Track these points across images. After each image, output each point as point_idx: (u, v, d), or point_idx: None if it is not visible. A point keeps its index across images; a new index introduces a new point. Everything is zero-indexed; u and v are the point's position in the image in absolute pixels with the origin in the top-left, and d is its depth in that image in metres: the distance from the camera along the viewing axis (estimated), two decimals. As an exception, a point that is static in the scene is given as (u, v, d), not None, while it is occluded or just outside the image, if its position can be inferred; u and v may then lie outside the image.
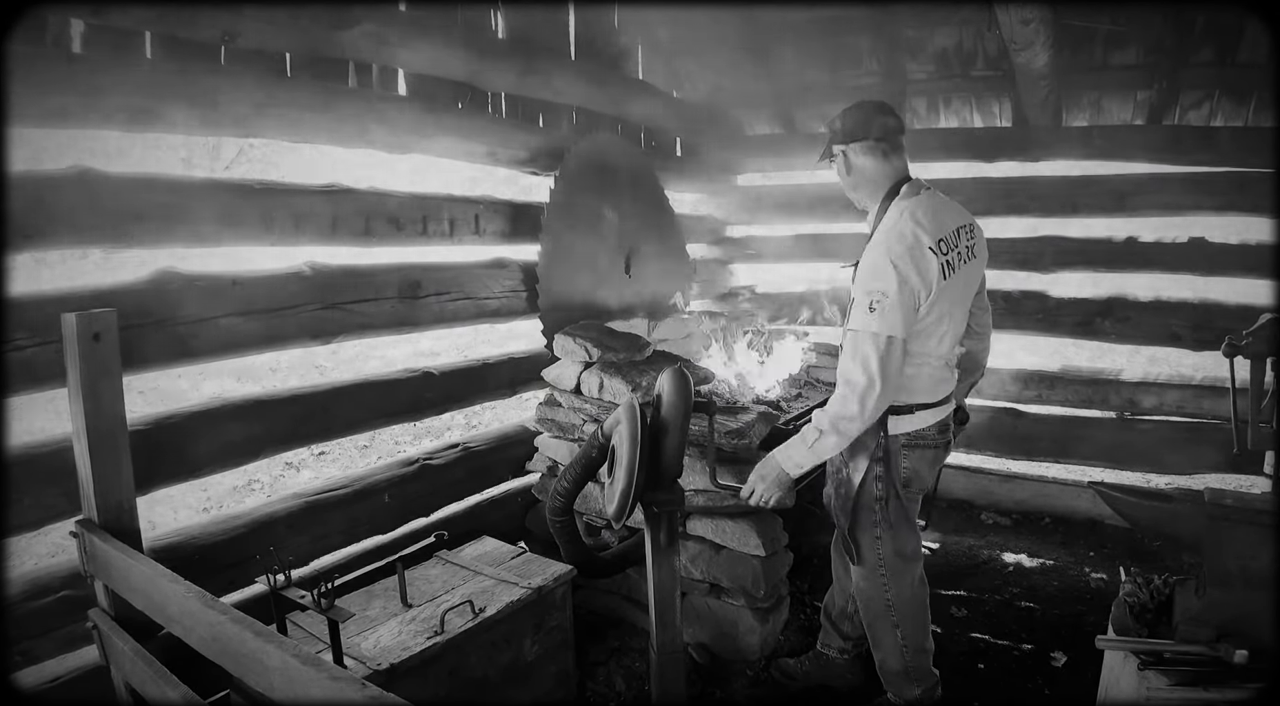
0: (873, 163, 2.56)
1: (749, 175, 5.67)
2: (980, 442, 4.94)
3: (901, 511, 2.65)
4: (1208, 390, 4.43)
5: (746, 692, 3.05)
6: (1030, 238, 4.83)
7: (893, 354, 2.36)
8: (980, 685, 3.15)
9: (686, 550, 3.19)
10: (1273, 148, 4.15)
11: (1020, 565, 4.19)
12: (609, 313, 3.89)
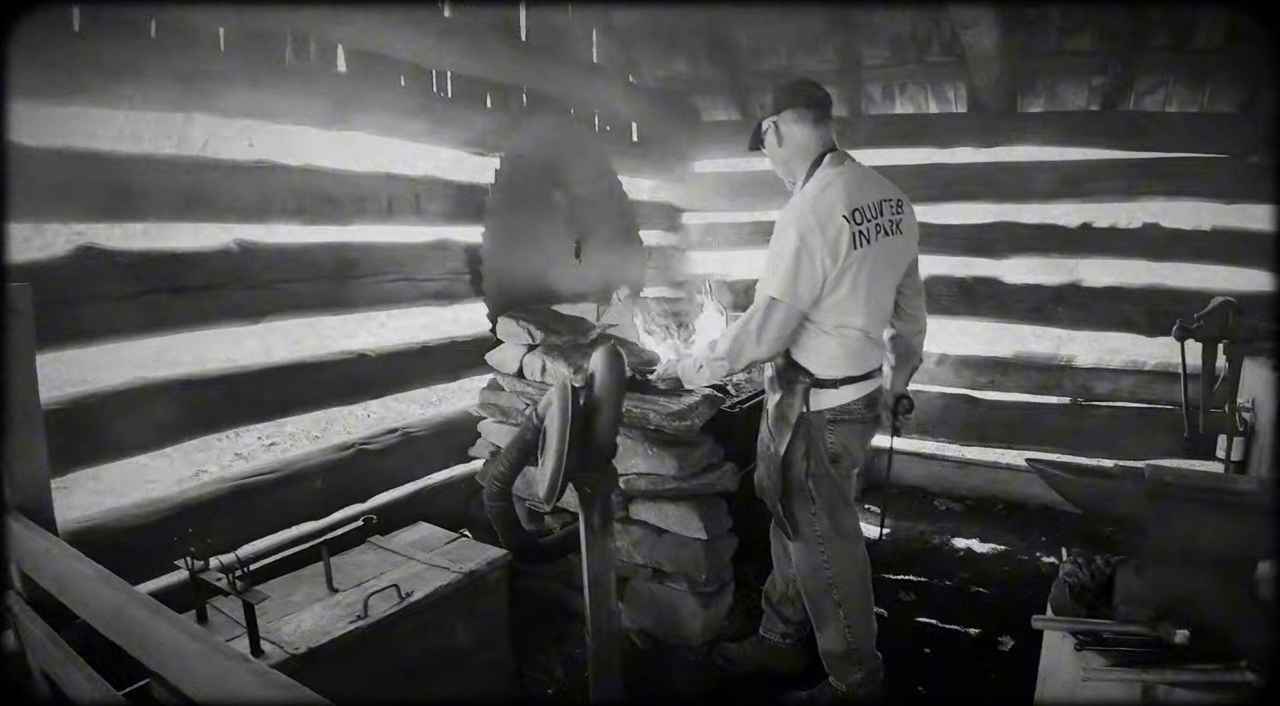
0: (802, 130, 2.58)
1: (706, 162, 5.60)
2: (935, 429, 4.93)
3: (835, 487, 2.64)
4: (1161, 375, 4.43)
5: (688, 677, 3.01)
6: (985, 224, 4.81)
7: (774, 315, 2.43)
8: (927, 669, 3.13)
9: (629, 534, 3.14)
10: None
11: (971, 550, 4.19)
12: (558, 297, 3.80)
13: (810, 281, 2.41)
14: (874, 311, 2.58)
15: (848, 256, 2.40)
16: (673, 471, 2.96)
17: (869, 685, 2.74)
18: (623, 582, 3.23)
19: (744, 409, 3.26)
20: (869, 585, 2.78)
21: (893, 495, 4.75)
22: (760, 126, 2.68)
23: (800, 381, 2.57)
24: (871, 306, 2.55)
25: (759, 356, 2.51)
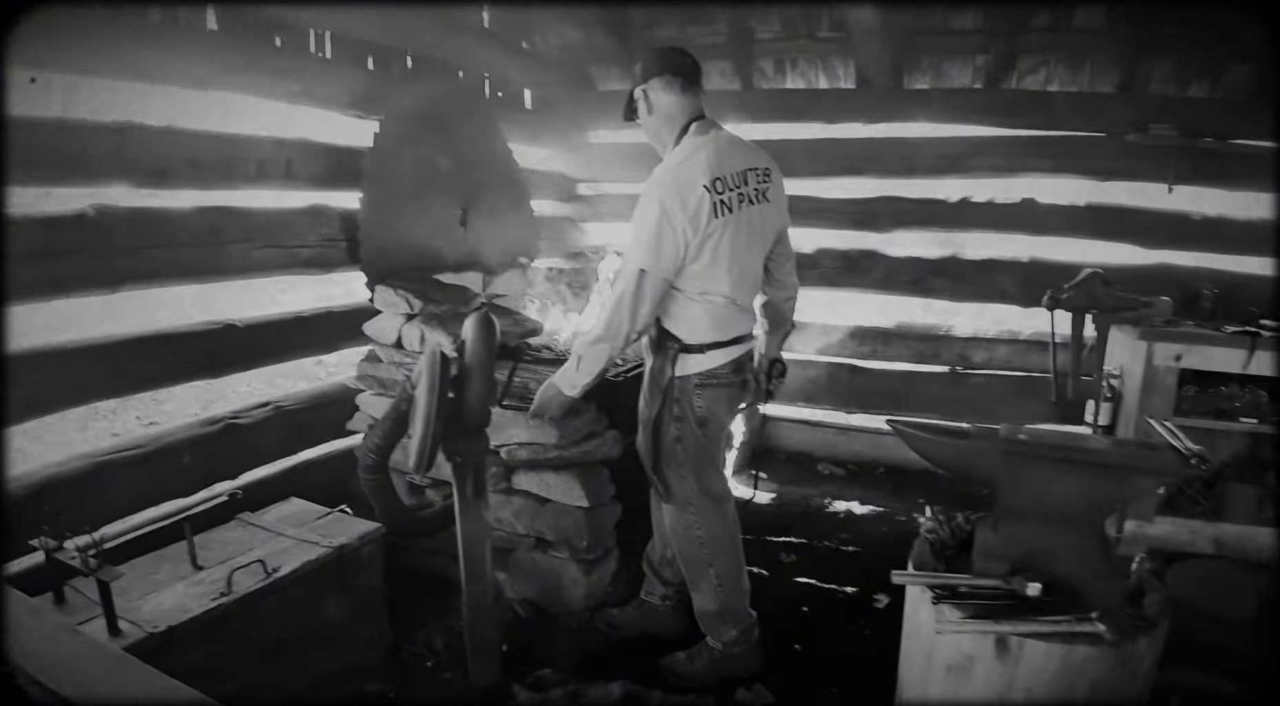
0: (670, 97, 2.59)
1: (602, 131, 5.53)
2: (819, 396, 5.07)
3: (704, 450, 2.68)
4: (1035, 344, 4.63)
5: (570, 644, 3.01)
6: (869, 198, 4.92)
7: (643, 286, 2.45)
8: (804, 626, 3.21)
9: (511, 504, 3.12)
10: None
11: (851, 512, 4.33)
12: (443, 265, 3.70)
13: (673, 250, 2.43)
14: (739, 279, 2.60)
15: (708, 225, 2.43)
16: (554, 440, 2.94)
17: (743, 643, 2.80)
18: (506, 553, 3.21)
19: (627, 377, 3.26)
20: (739, 545, 2.82)
21: (779, 460, 4.89)
22: (632, 96, 2.68)
23: (669, 347, 2.60)
24: (735, 274, 2.57)
25: (637, 328, 2.52)
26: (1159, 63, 4.43)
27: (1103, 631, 1.94)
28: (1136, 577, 2.21)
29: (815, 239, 5.03)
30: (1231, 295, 4.40)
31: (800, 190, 4.93)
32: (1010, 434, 2.17)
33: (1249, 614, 3.40)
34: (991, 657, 2.01)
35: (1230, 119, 4.42)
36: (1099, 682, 1.98)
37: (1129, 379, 3.74)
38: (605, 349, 2.54)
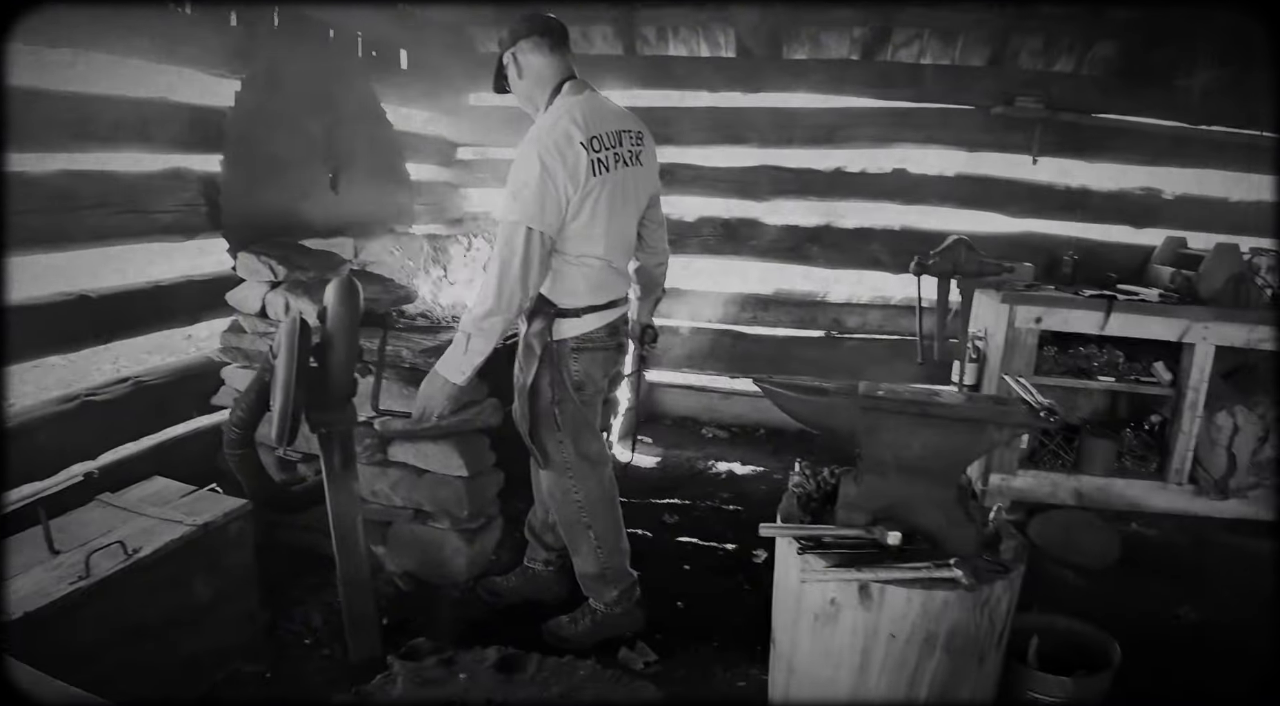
0: (539, 58, 2.56)
1: (482, 95, 5.40)
2: (702, 362, 5.17)
3: (580, 414, 2.69)
4: (906, 309, 4.81)
5: (453, 614, 2.99)
6: (748, 167, 4.98)
7: (532, 245, 2.37)
8: (686, 583, 3.29)
9: (387, 476, 3.06)
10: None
11: (733, 472, 4.46)
12: (311, 231, 3.56)
13: (555, 207, 2.40)
14: (615, 241, 2.60)
15: (587, 183, 2.42)
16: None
17: (625, 603, 2.85)
18: (384, 526, 3.15)
19: (506, 345, 3.21)
20: (617, 507, 2.86)
21: (665, 424, 4.97)
22: (501, 63, 2.64)
23: (544, 311, 2.58)
24: (612, 236, 2.57)
25: (530, 291, 2.44)
26: (1028, 38, 4.61)
27: (960, 577, 2.04)
28: (994, 526, 2.32)
29: (697, 207, 5.09)
30: (1091, 261, 4.69)
31: (682, 158, 4.97)
32: (869, 391, 2.25)
33: (1107, 560, 3.65)
34: (856, 604, 2.09)
35: (1093, 93, 4.68)
36: (958, 625, 2.07)
37: (992, 340, 3.94)
38: (499, 322, 2.44)
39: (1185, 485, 3.99)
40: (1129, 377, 4.01)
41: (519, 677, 2.09)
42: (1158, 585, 3.50)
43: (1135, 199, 4.85)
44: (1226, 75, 4.56)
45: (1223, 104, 4.60)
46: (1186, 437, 3.93)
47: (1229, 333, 3.82)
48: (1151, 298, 3.98)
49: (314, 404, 2.22)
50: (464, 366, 2.49)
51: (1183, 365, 3.90)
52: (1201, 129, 4.63)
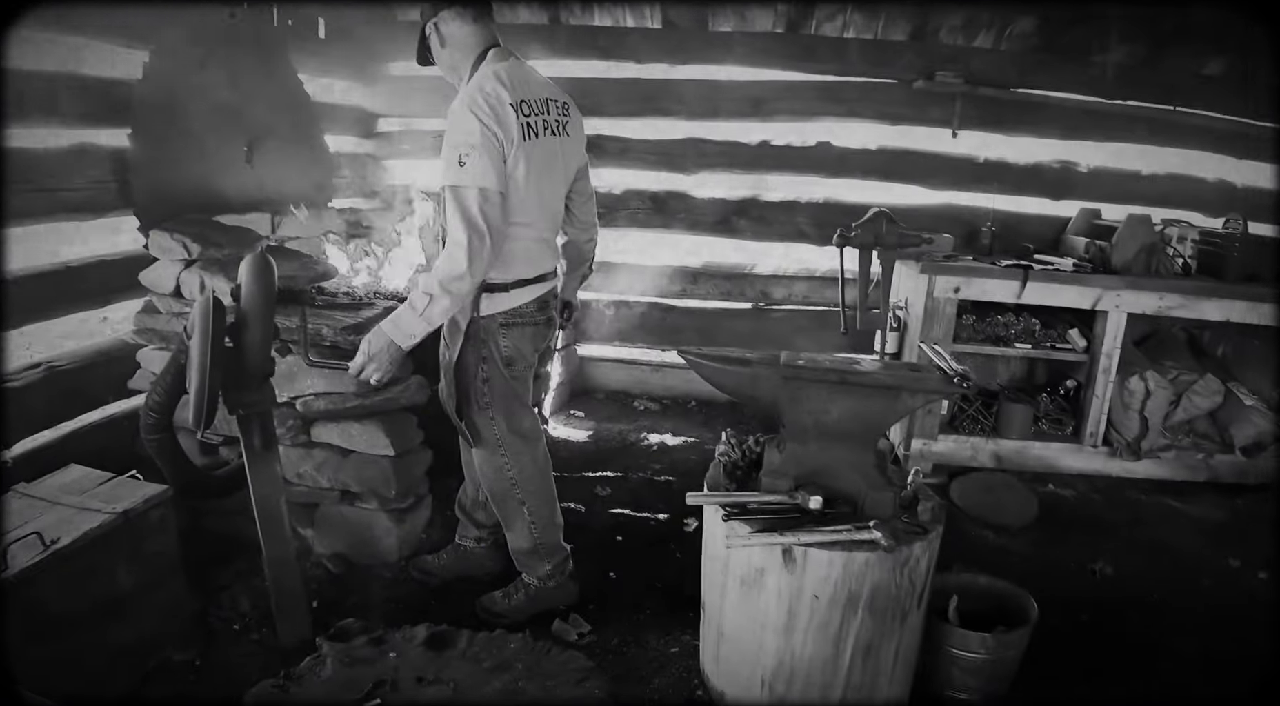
0: (462, 27, 2.52)
1: (403, 64, 5.26)
2: (633, 335, 5.20)
3: (510, 390, 2.66)
4: (831, 281, 4.90)
5: (385, 595, 2.96)
6: (675, 139, 4.98)
7: (491, 203, 2.32)
8: (619, 554, 3.32)
9: (312, 458, 3.01)
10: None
11: (665, 444, 4.52)
12: (226, 206, 3.44)
13: (498, 166, 2.34)
14: (543, 212, 2.58)
15: (518, 147, 2.38)
16: (353, 388, 2.84)
17: (558, 576, 2.85)
18: (311, 508, 3.10)
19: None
20: (551, 482, 2.85)
21: (597, 398, 5.00)
22: (423, 34, 2.60)
23: None
24: (541, 207, 2.55)
25: (489, 256, 2.35)
26: (949, 14, 4.67)
27: (879, 538, 2.10)
28: (912, 489, 2.39)
29: (625, 180, 5.08)
30: (1009, 232, 4.83)
31: (608, 130, 4.94)
32: (790, 360, 2.29)
33: (1025, 520, 3.78)
34: (780, 568, 2.14)
35: (1012, 69, 4.79)
36: (879, 585, 2.14)
37: (913, 309, 4.03)
38: (468, 285, 2.35)
39: (1100, 447, 4.16)
40: (1045, 344, 4.16)
41: (449, 654, 2.10)
42: (1074, 543, 3.65)
43: (1052, 171, 5.01)
44: (1140, 51, 4.73)
45: (1137, 79, 4.77)
46: (1100, 402, 4.09)
47: (1140, 300, 3.97)
48: (1066, 267, 4.11)
49: (231, 384, 2.17)
50: (417, 329, 2.40)
51: (1096, 332, 4.06)
52: (1117, 104, 4.80)
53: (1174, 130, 4.88)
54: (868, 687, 2.25)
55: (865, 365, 2.33)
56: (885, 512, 2.22)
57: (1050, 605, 3.05)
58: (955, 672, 2.45)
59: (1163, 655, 2.85)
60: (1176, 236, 4.49)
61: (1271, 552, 3.65)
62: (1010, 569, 3.33)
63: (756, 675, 2.28)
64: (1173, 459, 4.17)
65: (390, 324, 2.40)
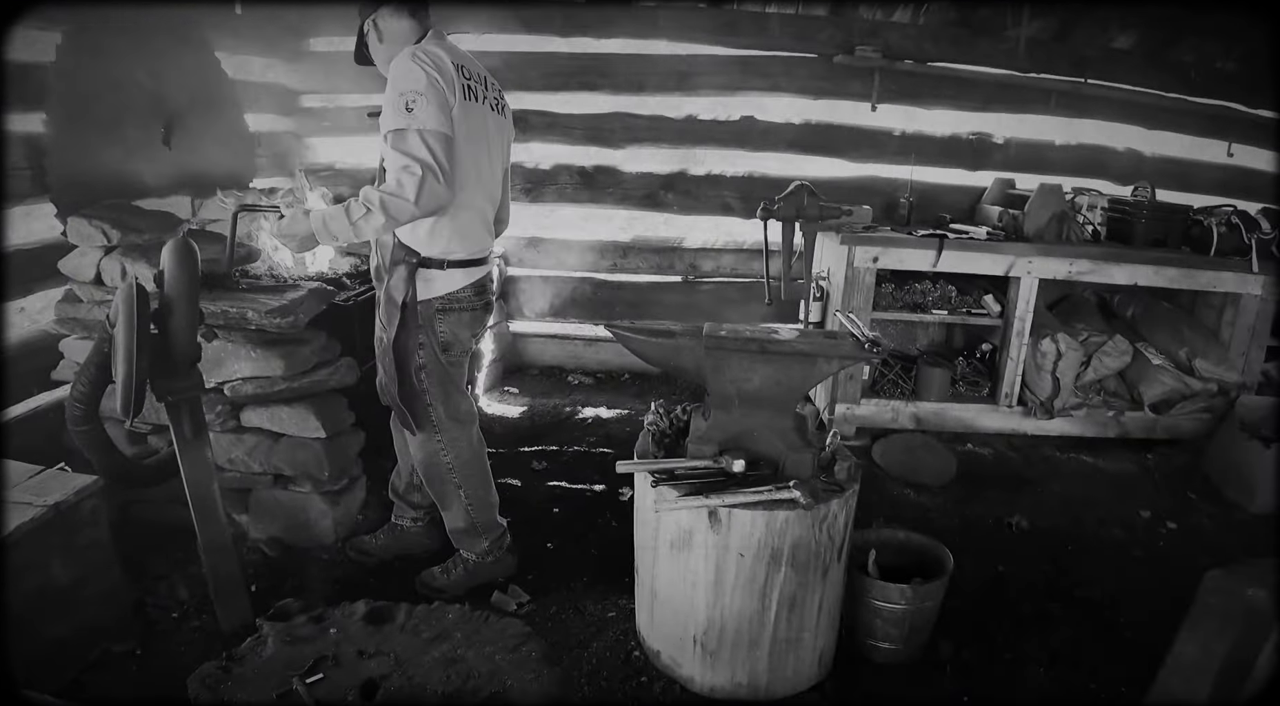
0: (400, 21, 2.57)
1: (326, 39, 5.15)
2: (566, 311, 5.25)
3: (447, 375, 2.69)
4: (757, 253, 5.01)
5: (323, 576, 2.98)
6: (602, 114, 5.01)
7: (443, 144, 2.31)
8: (556, 526, 3.40)
9: (243, 443, 3.00)
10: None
11: (599, 417, 4.60)
12: (145, 190, 3.37)
13: (445, 108, 2.33)
14: (481, 185, 2.62)
15: (460, 106, 2.40)
16: (281, 372, 2.85)
17: (496, 550, 2.91)
18: (245, 494, 3.10)
19: (358, 301, 3.18)
20: (485, 463, 2.90)
21: (532, 375, 5.04)
22: (362, 32, 2.64)
23: (406, 260, 2.54)
24: (479, 179, 2.59)
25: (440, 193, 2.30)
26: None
27: (798, 497, 2.20)
28: (830, 450, 2.51)
29: (553, 154, 5.10)
30: (927, 202, 4.99)
31: (535, 105, 4.95)
32: (713, 331, 2.37)
33: (945, 478, 3.95)
34: (706, 529, 2.24)
35: (929, 43, 4.93)
36: (800, 541, 2.25)
37: (834, 279, 4.16)
38: (407, 211, 2.29)
39: (1014, 407, 4.36)
40: (961, 310, 4.33)
41: (389, 627, 2.13)
42: (992, 499, 3.84)
43: (968, 143, 5.18)
44: (1052, 25, 4.91)
45: (1049, 53, 4.95)
46: (1015, 364, 4.28)
47: (1051, 266, 4.16)
48: (980, 236, 4.28)
49: (158, 372, 2.16)
50: (340, 233, 2.38)
51: (1010, 297, 4.24)
52: (1030, 77, 4.98)
53: (1085, 102, 5.09)
54: (794, 639, 2.36)
55: (783, 334, 2.43)
56: (804, 473, 2.33)
57: (970, 558, 3.22)
58: (878, 623, 2.58)
59: (1076, 602, 3.03)
60: (1086, 205, 4.70)
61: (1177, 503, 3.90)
62: (931, 525, 3.52)
63: (689, 632, 2.38)
64: (1085, 416, 4.39)
65: (320, 218, 2.40)
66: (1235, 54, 5.17)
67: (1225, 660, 1.04)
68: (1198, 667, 1.08)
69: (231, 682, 1.81)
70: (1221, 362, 4.35)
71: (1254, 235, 4.41)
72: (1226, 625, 1.05)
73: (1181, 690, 1.09)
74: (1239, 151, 5.32)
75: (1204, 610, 1.08)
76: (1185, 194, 5.19)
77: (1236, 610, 1.04)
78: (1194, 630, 1.08)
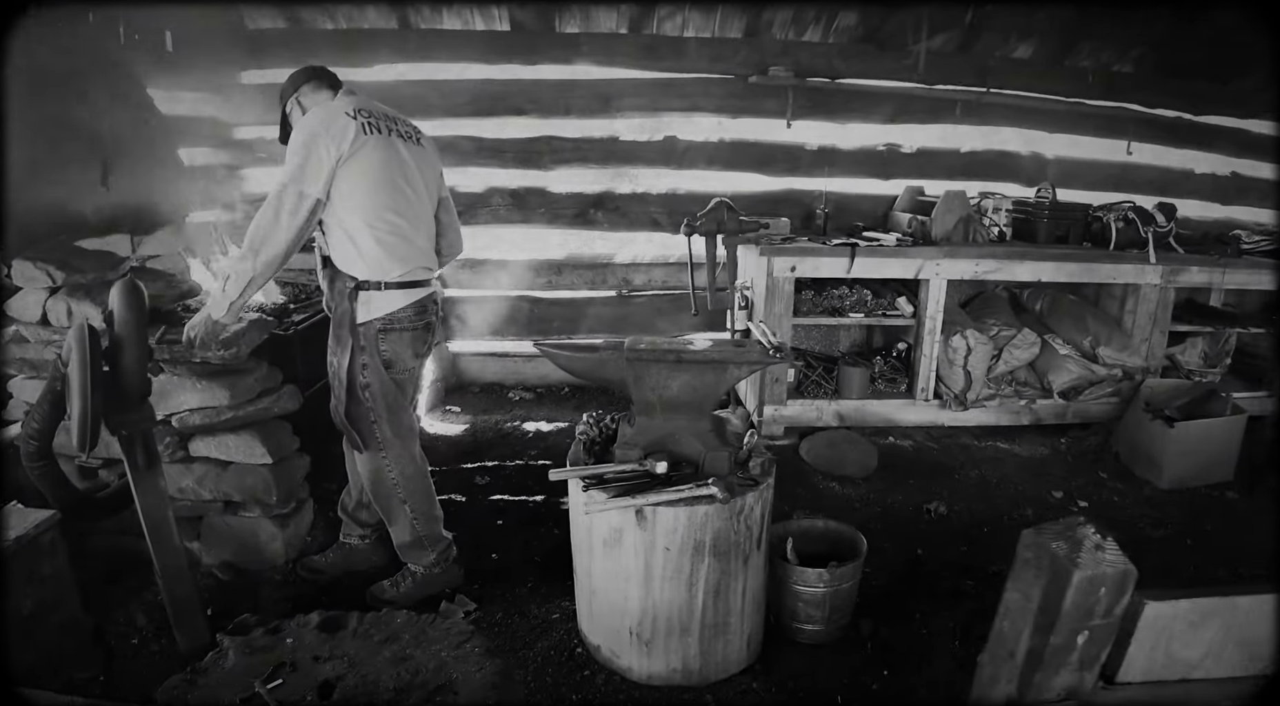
0: (319, 95, 2.84)
1: (257, 72, 5.24)
2: (505, 329, 5.42)
3: (391, 393, 2.83)
4: (685, 266, 5.17)
5: (277, 596, 3.09)
6: (530, 137, 5.19)
7: (305, 203, 2.56)
8: (500, 536, 3.54)
9: (192, 472, 3.09)
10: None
11: (540, 430, 4.76)
12: (86, 229, 3.44)
13: (317, 167, 2.56)
14: (410, 210, 2.78)
15: (356, 140, 2.60)
16: (226, 401, 2.96)
17: (442, 562, 3.05)
18: (196, 521, 3.19)
19: (299, 330, 3.31)
20: (428, 478, 3.04)
21: (473, 392, 5.16)
22: (285, 112, 2.87)
23: (346, 286, 2.72)
24: (400, 201, 2.74)
25: (281, 240, 2.55)
26: (779, 10, 5.03)
27: (715, 493, 2.40)
28: (748, 448, 2.71)
29: (484, 177, 5.26)
30: (842, 212, 5.27)
31: (465, 130, 5.11)
32: (634, 344, 2.57)
33: (868, 470, 4.19)
34: (635, 527, 2.43)
35: (838, 60, 5.22)
36: (720, 532, 2.45)
37: (757, 289, 4.39)
38: (248, 266, 2.55)
39: (931, 401, 4.63)
40: (876, 313, 4.60)
41: (342, 634, 2.28)
42: (912, 487, 4.09)
43: (878, 154, 5.48)
44: (955, 38, 5.23)
45: (953, 65, 5.27)
46: (929, 360, 4.56)
47: (958, 267, 4.44)
48: (890, 242, 4.54)
49: (111, 407, 2.27)
50: (221, 304, 2.61)
51: (921, 298, 4.51)
52: (936, 88, 5.31)
53: (989, 109, 5.43)
54: (722, 625, 2.56)
55: (698, 344, 2.62)
56: (722, 470, 2.53)
57: (891, 543, 3.45)
58: (800, 606, 2.79)
59: (989, 578, 3.24)
60: (992, 207, 5.02)
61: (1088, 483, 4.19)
62: (854, 514, 3.74)
63: (625, 625, 2.57)
64: (998, 406, 4.68)
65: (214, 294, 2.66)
66: (1130, 57, 5.57)
67: (1040, 603, 1.27)
68: (1021, 611, 1.30)
69: (197, 691, 1.94)
70: (1125, 349, 4.68)
71: (1150, 228, 4.77)
72: (1039, 575, 1.28)
73: (1010, 630, 1.32)
74: (1137, 149, 5.73)
75: (1022, 564, 1.30)
76: (1088, 192, 5.56)
77: (1045, 563, 1.26)
78: (1016, 581, 1.30)
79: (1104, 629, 1.25)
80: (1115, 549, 1.24)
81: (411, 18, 5.01)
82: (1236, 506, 4.06)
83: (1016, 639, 1.30)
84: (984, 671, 1.39)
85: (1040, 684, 1.28)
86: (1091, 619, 1.23)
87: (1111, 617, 1.24)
